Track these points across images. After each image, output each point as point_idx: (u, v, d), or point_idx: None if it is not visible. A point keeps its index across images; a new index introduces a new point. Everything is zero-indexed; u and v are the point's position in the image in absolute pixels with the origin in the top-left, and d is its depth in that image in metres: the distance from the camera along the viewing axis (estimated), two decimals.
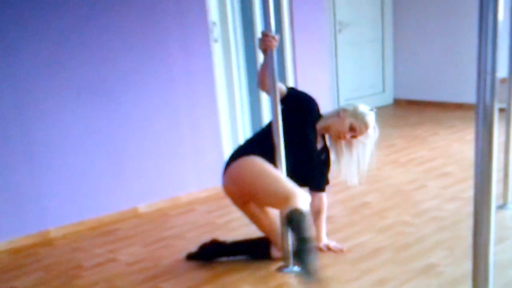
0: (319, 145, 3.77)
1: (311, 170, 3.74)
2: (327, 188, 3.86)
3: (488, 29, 1.82)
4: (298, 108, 3.64)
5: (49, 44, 4.26)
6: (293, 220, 3.10)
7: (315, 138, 3.71)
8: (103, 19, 4.47)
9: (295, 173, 3.56)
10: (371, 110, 3.67)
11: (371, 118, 3.63)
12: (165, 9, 4.76)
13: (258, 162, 3.44)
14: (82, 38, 4.39)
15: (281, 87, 3.56)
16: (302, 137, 3.64)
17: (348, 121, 3.60)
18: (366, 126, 3.61)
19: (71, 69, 4.37)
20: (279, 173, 3.42)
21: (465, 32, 7.99)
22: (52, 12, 4.23)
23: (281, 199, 3.27)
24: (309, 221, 3.18)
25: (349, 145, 3.70)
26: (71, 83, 4.40)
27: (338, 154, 3.77)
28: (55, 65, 4.30)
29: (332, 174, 3.88)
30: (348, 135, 3.62)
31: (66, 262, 3.98)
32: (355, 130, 3.61)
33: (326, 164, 3.82)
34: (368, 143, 3.69)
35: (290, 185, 3.32)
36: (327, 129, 3.70)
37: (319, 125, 3.70)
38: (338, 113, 3.66)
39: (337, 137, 3.67)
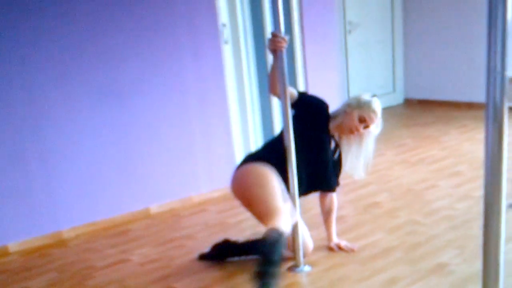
0: (331, 146, 3.75)
1: (326, 173, 3.71)
2: (338, 188, 3.87)
3: (497, 28, 1.82)
4: (310, 113, 3.60)
5: (61, 51, 4.28)
6: (268, 240, 2.99)
7: (330, 140, 3.69)
8: (113, 23, 4.49)
9: (309, 177, 3.58)
10: (373, 96, 3.64)
11: (376, 104, 3.60)
12: (175, 11, 4.77)
13: (262, 172, 3.40)
14: (93, 43, 4.41)
15: (292, 92, 3.52)
16: (317, 142, 3.61)
17: (356, 114, 3.57)
18: (374, 113, 3.59)
19: (82, 74, 4.40)
20: (276, 189, 3.34)
21: (476, 31, 7.98)
22: (63, 19, 4.26)
23: (265, 216, 3.25)
24: (284, 245, 3.07)
25: (360, 137, 3.68)
26: (83, 88, 4.42)
27: (346, 149, 3.74)
28: (67, 71, 4.33)
29: (342, 175, 3.88)
30: (360, 128, 3.60)
31: (78, 263, 4.01)
32: (366, 120, 3.58)
33: (338, 164, 3.80)
34: (373, 131, 3.68)
35: (280, 204, 3.26)
36: (339, 128, 3.66)
37: (331, 126, 3.67)
38: (345, 110, 3.63)
39: (350, 132, 3.62)
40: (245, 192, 3.47)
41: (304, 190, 3.64)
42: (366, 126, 3.61)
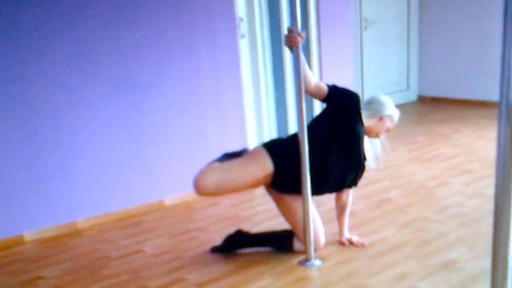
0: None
1: (359, 168, 3.73)
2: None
3: None
4: (344, 105, 3.61)
5: (79, 41, 4.32)
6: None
7: (363, 133, 3.70)
8: (131, 16, 4.53)
9: (343, 173, 3.62)
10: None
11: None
12: (192, 5, 4.81)
13: (255, 160, 3.54)
14: (111, 35, 4.46)
15: (320, 85, 3.56)
16: (353, 135, 3.61)
17: (388, 124, 3.75)
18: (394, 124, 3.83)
19: (100, 65, 4.45)
20: (246, 175, 3.52)
21: (491, 30, 7.97)
22: (81, 10, 4.30)
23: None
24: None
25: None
26: (100, 78, 4.47)
27: None
28: (84, 61, 4.37)
29: None
30: (383, 135, 3.80)
31: (93, 253, 4.06)
32: (389, 130, 3.79)
33: (364, 158, 3.78)
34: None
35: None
36: (367, 129, 3.70)
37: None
38: (381, 116, 3.71)
39: (376, 135, 3.78)
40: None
41: (333, 186, 3.68)
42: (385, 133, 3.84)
